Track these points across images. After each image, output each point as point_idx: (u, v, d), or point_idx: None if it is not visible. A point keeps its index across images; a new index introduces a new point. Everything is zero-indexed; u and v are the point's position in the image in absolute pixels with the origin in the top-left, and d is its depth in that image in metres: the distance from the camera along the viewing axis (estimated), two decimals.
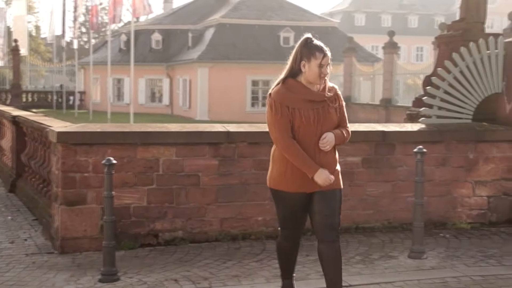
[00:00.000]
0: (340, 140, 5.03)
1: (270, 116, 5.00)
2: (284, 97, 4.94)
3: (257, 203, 7.75)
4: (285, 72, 5.03)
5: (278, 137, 4.94)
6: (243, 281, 6.18)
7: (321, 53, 4.91)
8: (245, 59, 45.93)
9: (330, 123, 4.98)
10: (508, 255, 7.12)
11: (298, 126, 4.90)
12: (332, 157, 5.03)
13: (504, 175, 8.62)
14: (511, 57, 8.87)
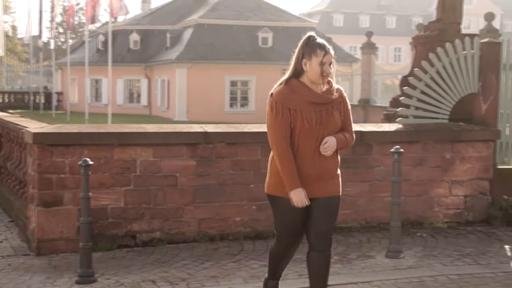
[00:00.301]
0: (343, 144, 4.85)
1: (269, 117, 4.80)
2: (286, 98, 4.74)
3: (235, 203, 7.74)
4: (289, 73, 4.85)
5: (275, 141, 4.77)
6: (221, 281, 6.17)
7: (323, 51, 4.71)
8: (224, 59, 45.84)
9: (333, 127, 4.80)
10: (484, 254, 7.18)
11: (299, 129, 4.72)
12: (333, 162, 4.87)
13: (480, 174, 8.68)
14: (487, 58, 8.94)
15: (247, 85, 46.66)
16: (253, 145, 7.74)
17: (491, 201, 8.73)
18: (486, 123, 8.93)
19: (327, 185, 4.85)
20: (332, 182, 4.87)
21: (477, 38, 9.12)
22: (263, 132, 7.78)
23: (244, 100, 46.81)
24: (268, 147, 7.68)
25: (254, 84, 46.24)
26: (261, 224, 7.83)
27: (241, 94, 46.79)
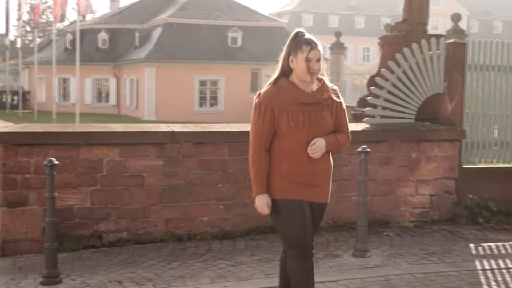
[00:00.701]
0: (334, 146, 4.58)
1: (252, 117, 4.58)
2: (271, 99, 4.50)
3: (203, 203, 7.73)
4: (277, 72, 4.60)
5: (252, 142, 4.56)
6: (187, 281, 6.15)
7: (308, 46, 4.44)
8: (193, 59, 45.76)
9: (324, 128, 4.54)
10: (449, 253, 7.24)
11: (286, 130, 4.46)
12: (327, 165, 4.64)
13: (446, 174, 8.76)
14: (452, 58, 9.02)
15: (216, 85, 46.63)
16: (220, 145, 7.74)
17: (456, 200, 8.82)
18: (452, 123, 9.01)
19: (322, 191, 4.64)
20: (326, 188, 4.66)
21: (443, 39, 9.19)
22: (230, 131, 7.85)
23: (213, 99, 46.77)
24: (235, 146, 7.77)
25: (223, 83, 46.24)
26: (229, 224, 7.83)
27: (210, 94, 46.74)
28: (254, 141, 4.55)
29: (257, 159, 4.54)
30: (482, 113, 9.22)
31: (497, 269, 6.66)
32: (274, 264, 6.69)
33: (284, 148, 4.52)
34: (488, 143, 9.26)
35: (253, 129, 4.57)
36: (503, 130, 9.31)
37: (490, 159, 9.31)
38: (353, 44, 75.22)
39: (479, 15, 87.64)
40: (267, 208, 4.55)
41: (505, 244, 7.66)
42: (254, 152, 4.55)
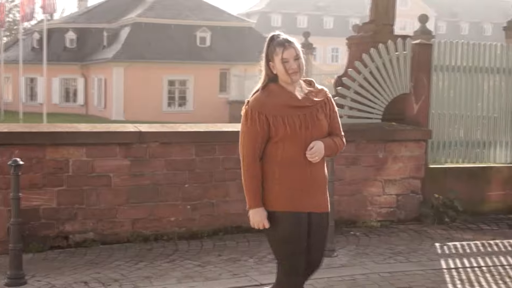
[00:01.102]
0: (331, 150, 4.33)
1: (243, 126, 4.27)
2: (263, 104, 4.23)
3: (170, 203, 7.71)
4: (262, 80, 4.34)
5: (244, 153, 4.24)
6: (154, 282, 6.13)
7: (281, 47, 4.23)
8: (161, 58, 45.62)
9: (320, 131, 4.29)
10: (415, 252, 7.30)
11: (282, 135, 4.20)
12: (323, 171, 4.39)
13: (412, 173, 8.83)
14: (418, 59, 9.10)
15: (185, 85, 46.53)
16: (187, 145, 7.72)
17: (422, 200, 8.90)
18: (418, 123, 9.10)
19: (321, 199, 4.35)
20: (325, 196, 4.39)
21: (409, 40, 9.27)
22: (198, 132, 7.84)
23: (182, 99, 46.67)
24: (202, 146, 7.76)
25: (192, 83, 46.17)
26: (196, 224, 7.82)
27: (179, 94, 46.64)
28: (248, 152, 4.23)
29: (252, 170, 4.22)
30: (448, 113, 9.32)
31: (462, 268, 6.73)
32: (240, 264, 6.71)
33: (278, 154, 4.23)
34: (454, 143, 9.36)
35: (245, 138, 4.24)
36: (468, 130, 9.42)
37: (456, 159, 9.41)
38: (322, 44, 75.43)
39: (446, 16, 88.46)
40: (266, 222, 4.21)
41: (470, 243, 7.75)
42: (249, 163, 4.23)
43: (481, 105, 9.46)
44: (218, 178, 7.88)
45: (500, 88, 9.55)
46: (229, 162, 7.88)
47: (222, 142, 7.86)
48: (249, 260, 6.87)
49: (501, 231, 8.46)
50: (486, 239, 7.94)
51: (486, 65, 9.42)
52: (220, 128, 8.12)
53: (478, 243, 7.75)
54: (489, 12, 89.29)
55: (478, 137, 9.46)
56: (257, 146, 4.22)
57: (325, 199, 4.39)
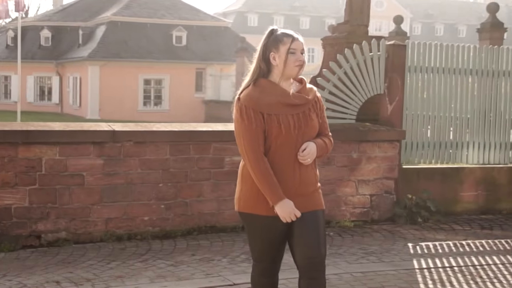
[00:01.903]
0: (323, 151, 4.19)
1: (239, 125, 4.09)
2: (257, 101, 4.05)
3: (143, 203, 7.69)
4: (251, 74, 4.15)
5: (247, 150, 4.03)
6: (126, 281, 6.11)
7: (289, 38, 4.06)
8: (137, 57, 45.44)
9: (312, 131, 4.15)
10: (388, 252, 7.34)
11: (276, 135, 4.04)
12: (314, 173, 4.23)
13: (386, 174, 8.87)
14: (392, 60, 9.16)
15: (161, 84, 46.38)
16: (161, 144, 7.70)
17: (396, 200, 8.95)
18: (392, 124, 9.15)
19: (309, 199, 4.19)
20: (313, 196, 4.22)
21: (383, 40, 9.32)
22: (172, 131, 7.83)
23: (157, 99, 46.52)
24: (177, 146, 7.75)
25: (168, 83, 46.03)
26: (170, 224, 7.80)
27: (155, 93, 46.48)
28: (251, 149, 4.03)
29: (262, 166, 4.02)
30: (421, 114, 9.38)
31: (434, 268, 6.78)
32: (214, 263, 6.71)
33: (269, 155, 4.06)
34: (427, 143, 9.42)
35: (243, 136, 4.07)
36: (441, 131, 9.48)
37: (429, 159, 9.48)
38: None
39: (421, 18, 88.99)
40: (297, 211, 4.07)
41: (442, 243, 7.80)
42: (256, 160, 4.03)
43: (454, 106, 9.54)
44: (193, 178, 7.87)
45: (473, 89, 9.64)
46: (204, 161, 7.89)
47: (197, 141, 7.86)
48: (222, 260, 6.87)
49: (473, 231, 8.54)
50: (458, 239, 8.01)
51: (460, 67, 9.50)
52: (195, 128, 8.11)
53: (450, 243, 7.81)
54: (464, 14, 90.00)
55: (451, 138, 9.54)
56: (260, 142, 4.03)
57: (315, 198, 4.21)
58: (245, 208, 4.21)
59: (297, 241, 4.17)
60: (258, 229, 4.23)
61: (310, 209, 4.17)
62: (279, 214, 4.05)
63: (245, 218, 4.26)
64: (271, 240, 4.24)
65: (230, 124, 8.78)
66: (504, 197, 9.69)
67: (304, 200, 4.15)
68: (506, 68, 9.69)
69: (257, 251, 4.34)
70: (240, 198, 4.24)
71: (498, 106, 9.71)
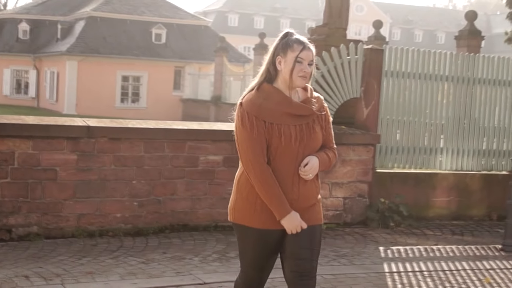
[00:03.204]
0: (325, 165, 3.98)
1: (241, 132, 3.86)
2: (260, 108, 3.84)
3: (116, 199, 7.66)
4: (259, 76, 3.94)
5: (251, 160, 3.82)
6: (97, 278, 6.08)
7: (300, 45, 3.83)
8: (116, 54, 45.20)
9: (315, 144, 3.93)
10: (359, 255, 7.38)
11: (275, 147, 3.83)
12: (314, 186, 4.01)
13: (360, 177, 8.91)
14: (370, 64, 9.20)
15: (139, 81, 46.19)
16: (136, 141, 7.68)
17: (369, 204, 8.99)
18: (367, 128, 9.19)
19: (307, 213, 3.98)
20: (313, 209, 4.01)
21: (361, 44, 9.36)
22: (147, 128, 7.81)
23: (135, 96, 46.30)
24: (152, 143, 7.73)
25: (146, 80, 45.85)
26: (142, 221, 7.79)
27: (133, 90, 46.26)
28: (255, 158, 3.82)
29: (267, 176, 3.82)
30: (397, 119, 9.43)
31: (404, 272, 6.82)
32: (185, 262, 6.70)
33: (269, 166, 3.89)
34: (402, 148, 9.47)
35: (246, 144, 3.84)
36: (416, 136, 9.54)
37: (403, 164, 9.53)
38: None
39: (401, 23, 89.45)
40: (304, 222, 3.90)
41: (413, 248, 7.85)
42: (261, 170, 3.82)
43: (429, 112, 9.60)
44: (166, 176, 7.86)
45: (449, 96, 9.71)
46: (178, 160, 7.88)
47: (172, 139, 7.85)
48: (194, 258, 6.87)
49: (444, 237, 8.60)
50: (429, 244, 8.06)
51: (436, 73, 9.57)
52: (170, 126, 8.08)
53: (421, 248, 7.86)
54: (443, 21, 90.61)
55: (425, 144, 9.60)
56: (264, 152, 3.83)
57: (314, 212, 4.01)
58: (239, 219, 4.02)
59: (289, 255, 3.99)
60: (250, 241, 4.03)
61: (308, 224, 3.94)
62: (285, 227, 3.88)
63: (239, 229, 4.07)
64: (262, 251, 4.06)
65: (205, 123, 8.83)
66: (476, 204, 9.78)
67: (302, 214, 3.94)
68: (481, 76, 9.76)
69: (246, 260, 4.14)
70: (235, 209, 4.04)
71: (473, 113, 9.79)
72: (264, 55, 4.01)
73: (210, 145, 8.01)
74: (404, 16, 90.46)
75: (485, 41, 20.57)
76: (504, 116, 9.96)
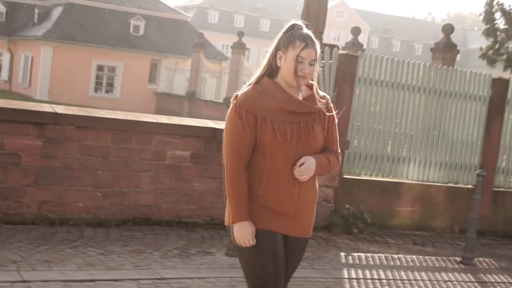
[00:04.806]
0: (323, 169, 3.72)
1: (228, 124, 3.67)
2: (254, 102, 3.62)
3: (80, 188, 7.58)
4: (261, 70, 3.71)
5: (229, 156, 3.65)
6: (53, 266, 6.01)
7: (303, 42, 3.58)
8: (92, 42, 44.85)
9: (314, 145, 3.69)
10: (320, 259, 7.38)
11: (270, 143, 3.60)
12: (313, 192, 3.81)
13: (326, 182, 8.90)
14: (343, 69, 9.20)
15: (114, 71, 45.87)
16: (104, 131, 7.61)
17: (334, 209, 9.00)
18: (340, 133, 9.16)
19: (304, 222, 3.78)
20: (309, 219, 3.82)
21: (336, 49, 9.36)
22: (116, 119, 7.74)
23: (109, 86, 45.98)
24: (119, 134, 7.66)
25: (121, 71, 45.56)
26: (105, 212, 7.71)
27: (107, 80, 45.93)
28: (232, 156, 3.64)
29: (236, 178, 3.63)
30: (367, 126, 9.45)
31: (363, 279, 6.84)
32: (145, 256, 6.65)
33: (265, 166, 3.65)
34: (370, 156, 9.49)
35: (231, 140, 3.64)
36: (385, 144, 9.57)
37: (370, 171, 9.55)
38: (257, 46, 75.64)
39: (380, 32, 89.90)
40: (253, 238, 3.63)
41: (374, 256, 7.87)
42: (233, 169, 3.63)
43: (400, 122, 9.63)
44: (132, 168, 7.80)
45: (420, 107, 9.75)
46: (145, 153, 7.82)
47: (140, 132, 7.78)
48: (154, 253, 6.82)
49: (406, 246, 8.64)
50: (390, 253, 8.09)
51: (408, 83, 9.60)
52: (139, 118, 8.01)
53: (382, 256, 7.89)
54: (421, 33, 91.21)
55: (393, 153, 9.63)
56: (245, 150, 3.62)
57: (310, 222, 3.83)
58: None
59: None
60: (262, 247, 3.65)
61: (300, 235, 3.78)
62: (235, 234, 3.65)
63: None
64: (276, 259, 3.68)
65: (175, 118, 8.78)
66: (439, 215, 9.83)
67: (298, 222, 3.74)
68: (453, 89, 9.82)
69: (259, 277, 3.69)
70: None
71: (443, 125, 9.83)
72: (268, 47, 3.74)
73: (178, 140, 7.95)
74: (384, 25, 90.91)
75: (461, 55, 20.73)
76: (473, 130, 10.02)
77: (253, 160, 3.66)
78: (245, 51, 35.39)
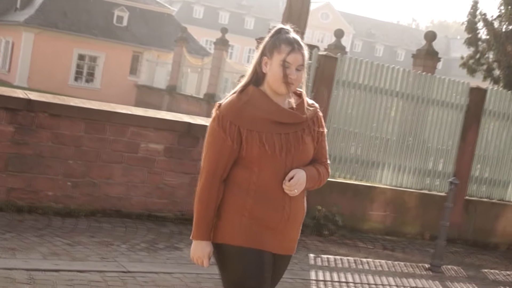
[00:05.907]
0: (314, 182, 3.49)
1: (210, 135, 3.43)
2: (238, 113, 3.38)
3: (50, 177, 7.50)
4: (246, 77, 3.49)
5: (205, 169, 3.40)
6: (18, 254, 5.93)
7: (289, 46, 3.39)
8: (75, 31, 44.54)
9: (304, 156, 3.46)
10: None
11: (258, 156, 3.36)
12: (303, 207, 3.57)
13: None
14: (322, 70, 9.18)
15: (95, 61, 45.61)
16: (77, 120, 7.53)
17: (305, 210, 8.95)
18: None
19: (289, 239, 3.52)
20: (295, 235, 3.55)
21: (316, 50, 9.34)
22: (90, 108, 7.67)
23: (90, 76, 45.70)
24: (93, 124, 7.58)
25: (102, 61, 45.30)
26: (74, 202, 7.64)
27: (88, 70, 45.65)
28: (208, 169, 3.39)
29: (207, 192, 3.39)
30: (343, 128, 9.43)
31: (330, 281, 6.82)
32: (112, 248, 6.60)
33: (251, 180, 3.39)
34: (345, 158, 9.48)
35: (209, 151, 3.40)
36: (360, 148, 9.56)
37: (344, 174, 9.54)
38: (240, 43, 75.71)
39: (364, 36, 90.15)
40: (207, 260, 3.44)
41: (343, 258, 7.86)
42: (206, 183, 3.39)
43: (376, 126, 9.63)
44: (104, 159, 7.73)
45: (397, 112, 9.75)
46: (118, 144, 7.76)
47: (114, 123, 7.72)
48: (121, 245, 6.76)
49: (375, 250, 8.63)
50: (359, 256, 8.08)
51: (387, 87, 9.59)
52: (113, 108, 7.94)
53: (351, 259, 7.88)
54: (404, 39, 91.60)
55: (368, 157, 9.62)
56: (223, 163, 3.38)
57: (296, 239, 3.58)
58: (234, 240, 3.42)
59: None
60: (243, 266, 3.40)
61: (284, 252, 3.52)
62: (192, 254, 3.45)
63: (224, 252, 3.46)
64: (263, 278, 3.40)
65: (151, 110, 8.71)
66: (410, 221, 9.84)
67: (284, 239, 3.48)
68: (431, 96, 9.83)
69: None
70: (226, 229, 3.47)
71: (419, 131, 9.84)
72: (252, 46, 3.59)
73: (152, 133, 7.89)
74: (368, 29, 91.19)
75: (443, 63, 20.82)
76: (449, 138, 10.05)
77: (238, 172, 3.41)
78: (228, 47, 35.31)
